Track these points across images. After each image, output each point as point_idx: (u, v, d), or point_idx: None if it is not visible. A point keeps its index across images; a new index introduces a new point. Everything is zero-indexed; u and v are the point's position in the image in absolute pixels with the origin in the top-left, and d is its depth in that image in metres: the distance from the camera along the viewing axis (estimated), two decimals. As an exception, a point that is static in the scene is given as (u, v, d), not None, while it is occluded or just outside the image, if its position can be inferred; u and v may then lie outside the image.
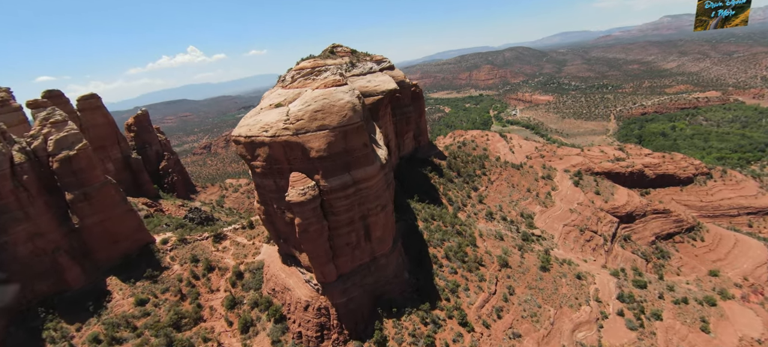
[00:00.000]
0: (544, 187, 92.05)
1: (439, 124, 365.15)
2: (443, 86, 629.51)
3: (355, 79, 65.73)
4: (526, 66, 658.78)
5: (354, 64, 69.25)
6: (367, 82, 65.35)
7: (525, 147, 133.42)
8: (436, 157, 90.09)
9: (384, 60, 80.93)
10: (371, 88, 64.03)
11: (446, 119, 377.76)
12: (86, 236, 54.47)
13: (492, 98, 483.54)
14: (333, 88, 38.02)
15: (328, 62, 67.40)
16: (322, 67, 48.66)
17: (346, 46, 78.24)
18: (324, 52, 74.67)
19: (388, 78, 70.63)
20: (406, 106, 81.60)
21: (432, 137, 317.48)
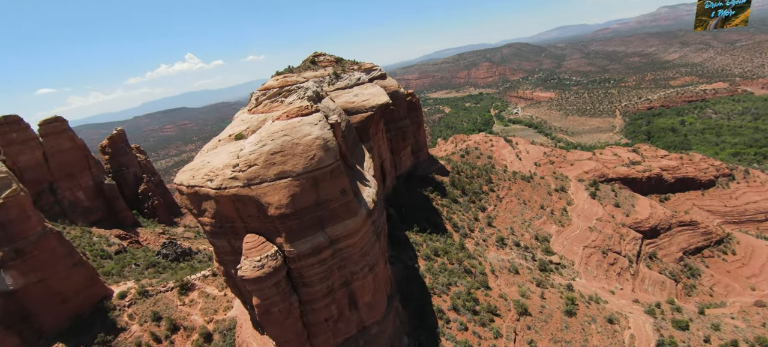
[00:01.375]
0: (559, 202, 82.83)
1: (440, 125, 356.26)
2: (442, 86, 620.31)
3: (339, 93, 56.75)
4: (524, 62, 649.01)
5: (338, 76, 60.27)
6: (353, 97, 56.35)
7: (532, 153, 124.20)
8: (438, 172, 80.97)
9: (374, 68, 71.97)
10: (358, 103, 55.03)
11: (446, 120, 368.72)
12: (23, 300, 45.52)
13: (492, 96, 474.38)
14: (297, 119, 28.88)
15: (308, 74, 58.49)
16: (293, 86, 39.60)
17: (330, 54, 69.32)
18: (304, 62, 65.82)
19: (379, 90, 61.62)
20: (401, 119, 72.57)
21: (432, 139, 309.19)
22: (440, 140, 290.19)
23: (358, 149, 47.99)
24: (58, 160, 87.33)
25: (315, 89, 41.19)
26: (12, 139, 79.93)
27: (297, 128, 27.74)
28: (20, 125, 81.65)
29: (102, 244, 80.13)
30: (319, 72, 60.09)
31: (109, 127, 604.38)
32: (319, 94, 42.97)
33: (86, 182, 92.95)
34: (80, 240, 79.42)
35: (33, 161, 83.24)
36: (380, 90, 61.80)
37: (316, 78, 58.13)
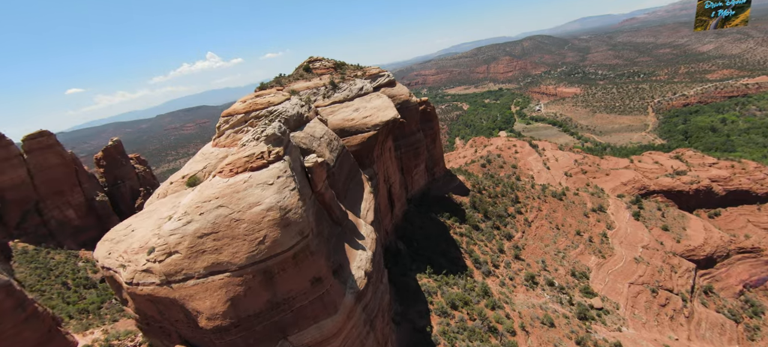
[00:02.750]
0: (597, 225, 71.49)
1: (458, 123, 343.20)
2: (460, 81, 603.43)
3: (336, 109, 47.43)
4: (546, 55, 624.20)
5: (336, 86, 50.94)
6: (353, 113, 46.95)
7: (562, 160, 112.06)
8: (457, 191, 70.87)
9: (381, 73, 62.40)
10: (359, 121, 45.62)
11: (465, 118, 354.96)
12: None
13: (512, 92, 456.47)
14: (244, 176, 19.44)
15: (299, 86, 49.49)
16: (263, 110, 30.44)
17: (328, 59, 60.09)
18: (297, 70, 56.94)
19: (386, 101, 52.02)
20: (413, 133, 62.78)
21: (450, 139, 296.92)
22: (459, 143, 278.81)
23: (355, 183, 38.65)
24: (44, 177, 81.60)
25: (293, 113, 31.99)
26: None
27: (240, 194, 18.50)
28: (2, 142, 76.00)
29: (87, 270, 73.72)
30: (312, 82, 50.93)
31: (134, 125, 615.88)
32: (300, 117, 33.74)
33: (77, 199, 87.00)
34: (64, 267, 73.20)
35: (16, 179, 77.63)
36: (387, 102, 52.17)
37: (307, 90, 49.00)
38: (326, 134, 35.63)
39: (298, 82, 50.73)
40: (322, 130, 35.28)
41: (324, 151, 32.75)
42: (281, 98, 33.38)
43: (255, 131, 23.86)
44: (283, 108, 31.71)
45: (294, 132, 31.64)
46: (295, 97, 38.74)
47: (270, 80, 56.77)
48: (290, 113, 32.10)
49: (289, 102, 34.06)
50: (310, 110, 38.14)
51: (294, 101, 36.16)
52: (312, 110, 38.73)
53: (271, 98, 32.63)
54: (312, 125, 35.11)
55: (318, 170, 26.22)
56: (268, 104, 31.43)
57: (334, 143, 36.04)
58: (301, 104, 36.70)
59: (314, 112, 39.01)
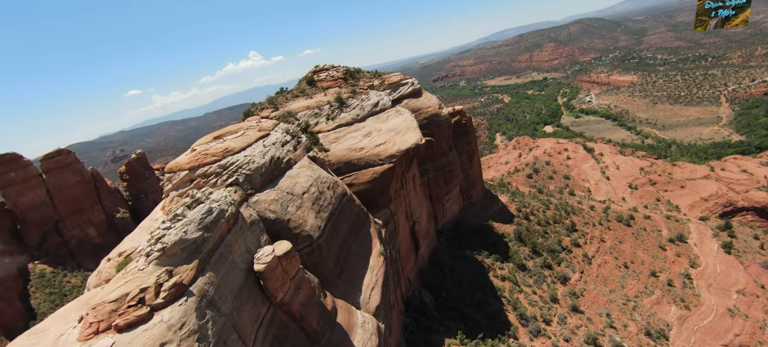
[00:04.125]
0: (677, 261, 57.47)
1: (498, 117, 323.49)
2: (501, 71, 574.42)
3: (341, 134, 38.16)
4: (596, 40, 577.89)
5: (343, 103, 41.59)
6: (362, 139, 37.49)
7: (624, 168, 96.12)
8: (498, 217, 59.56)
9: (403, 82, 52.40)
10: (369, 152, 36.11)
11: (506, 111, 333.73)
12: None
13: (559, 81, 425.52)
14: (103, 343, 10.77)
15: (297, 106, 40.61)
16: (215, 166, 21.83)
17: (338, 67, 51.11)
18: (300, 83, 48.35)
19: (407, 120, 42.10)
20: (444, 153, 52.24)
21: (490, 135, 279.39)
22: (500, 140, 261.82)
23: (359, 242, 29.28)
24: (63, 196, 79.67)
25: (261, 162, 23.09)
26: (10, 179, 72.94)
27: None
28: (19, 163, 74.38)
29: (100, 296, 70.30)
30: (315, 99, 41.87)
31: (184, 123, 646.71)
32: (275, 165, 24.75)
33: (97, 217, 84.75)
34: (79, 292, 70.31)
35: (36, 200, 76.01)
36: (408, 121, 42.21)
37: (307, 111, 40.03)
38: (315, 183, 26.43)
39: (297, 100, 41.92)
40: (307, 179, 26.11)
41: (306, 216, 23.60)
42: (245, 141, 24.59)
43: (153, 238, 14.94)
44: (246, 158, 22.88)
45: (261, 192, 22.72)
46: (279, 130, 29.89)
47: (280, 91, 48.65)
48: (257, 164, 23.20)
49: (260, 144, 25.23)
50: (298, 148, 29.07)
51: (272, 139, 27.28)
52: (301, 145, 29.64)
53: (232, 142, 23.91)
54: (294, 173, 26.02)
55: (278, 272, 17.06)
56: (223, 154, 22.72)
57: (327, 196, 26.77)
58: (282, 141, 27.74)
59: (304, 148, 29.91)
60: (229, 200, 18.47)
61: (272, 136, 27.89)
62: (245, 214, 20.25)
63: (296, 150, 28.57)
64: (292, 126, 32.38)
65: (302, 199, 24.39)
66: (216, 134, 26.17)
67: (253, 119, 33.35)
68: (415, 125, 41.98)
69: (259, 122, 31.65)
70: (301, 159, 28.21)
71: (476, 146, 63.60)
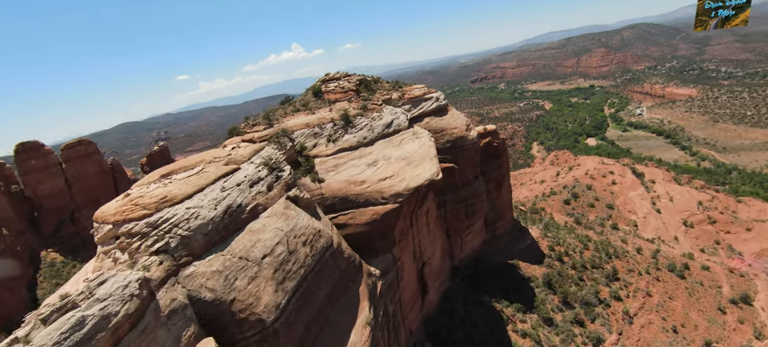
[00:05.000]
0: (739, 330, 47.74)
1: (537, 125, 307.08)
2: (544, 76, 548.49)
3: (342, 160, 32.51)
4: (652, 47, 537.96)
5: (349, 122, 35.87)
6: (365, 169, 31.72)
7: (679, 201, 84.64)
8: (526, 255, 52.07)
9: (426, 97, 45.99)
10: (370, 187, 30.30)
11: (546, 119, 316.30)
12: None
13: (607, 90, 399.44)
14: None
15: (296, 122, 35.28)
16: (142, 223, 16.85)
17: (353, 75, 45.64)
18: (305, 93, 43.16)
19: (423, 146, 35.92)
20: (468, 183, 45.36)
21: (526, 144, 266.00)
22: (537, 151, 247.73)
23: (340, 309, 23.61)
24: (81, 186, 79.71)
25: (209, 216, 17.94)
26: (31, 166, 73.39)
27: None
28: (40, 151, 74.83)
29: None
30: (317, 115, 36.39)
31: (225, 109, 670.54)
32: (234, 216, 19.50)
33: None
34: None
35: (54, 188, 76.32)
36: (425, 147, 35.96)
37: (305, 130, 34.58)
38: (285, 240, 20.95)
39: (297, 115, 36.62)
40: (275, 235, 20.66)
41: (261, 291, 18.15)
42: (196, 184, 19.50)
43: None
44: (188, 211, 17.78)
45: (202, 260, 17.48)
46: (255, 161, 24.69)
47: (285, 101, 43.90)
48: (202, 220, 18.01)
49: (216, 188, 20.05)
50: (275, 187, 23.69)
51: (239, 176, 22.03)
52: (279, 183, 24.22)
53: (176, 187, 18.90)
54: (259, 225, 20.64)
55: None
56: (157, 205, 17.67)
57: (300, 257, 21.23)
58: (252, 179, 22.46)
59: (283, 186, 24.48)
60: (130, 291, 13.32)
61: (241, 172, 22.65)
62: (165, 300, 15.11)
63: (271, 191, 23.21)
64: (276, 154, 27.06)
65: (260, 266, 18.96)
66: (164, 170, 21.27)
67: (233, 141, 28.45)
68: (433, 153, 35.62)
69: (235, 148, 26.59)
70: (275, 203, 22.81)
71: (508, 171, 56.02)
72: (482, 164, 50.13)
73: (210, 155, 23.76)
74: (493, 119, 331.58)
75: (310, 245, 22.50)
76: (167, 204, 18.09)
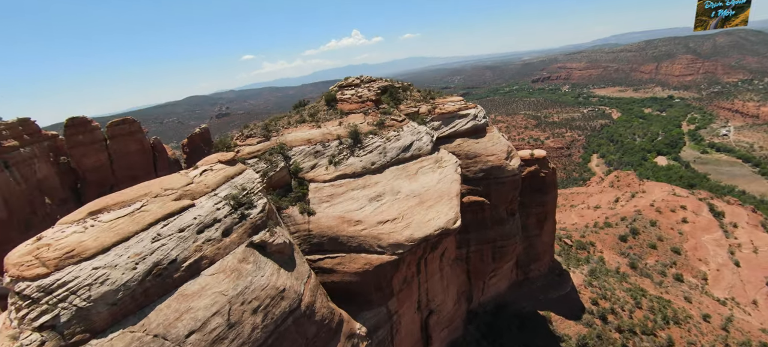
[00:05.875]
0: None
1: (600, 136, 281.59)
2: (615, 80, 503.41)
3: (341, 189, 27.87)
4: (749, 57, 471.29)
5: (358, 141, 30.98)
6: (365, 205, 26.91)
7: (765, 253, 70.59)
8: (561, 306, 44.52)
9: (463, 113, 39.62)
10: (366, 229, 25.53)
11: (612, 130, 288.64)
12: None
13: (688, 102, 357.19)
14: None
15: (297, 136, 30.98)
16: (28, 291, 13.26)
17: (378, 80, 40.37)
18: (319, 101, 38.51)
19: (447, 181, 30.38)
20: (501, 221, 38.53)
21: (585, 156, 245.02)
22: (596, 165, 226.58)
23: None
24: (123, 163, 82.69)
25: (111, 288, 13.91)
26: (78, 140, 77.00)
27: None
28: (86, 127, 78.28)
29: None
30: (324, 129, 31.75)
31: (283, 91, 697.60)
32: (158, 280, 15.48)
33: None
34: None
35: (97, 162, 79.75)
36: (447, 183, 30.33)
37: (307, 147, 30.18)
38: (228, 308, 16.75)
39: (300, 128, 32.16)
40: (213, 302, 16.51)
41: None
42: (122, 232, 15.78)
43: None
44: (95, 272, 14.16)
45: (101, 339, 13.68)
46: (220, 193, 20.69)
47: (299, 105, 39.99)
48: (112, 284, 14.27)
49: (146, 237, 16.17)
50: (234, 231, 19.54)
51: (188, 217, 18.05)
52: (242, 226, 20.04)
53: (89, 237, 15.30)
54: (195, 288, 16.54)
55: None
56: (58, 262, 14.07)
57: (245, 330, 16.94)
58: (204, 223, 18.45)
59: (248, 229, 20.26)
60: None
61: (192, 211, 18.69)
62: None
63: (227, 236, 19.09)
64: (252, 183, 22.93)
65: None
66: (95, 206, 17.70)
67: (209, 160, 24.68)
68: (455, 191, 29.73)
69: (205, 171, 22.75)
70: (228, 254, 18.66)
71: (554, 207, 47.82)
72: (524, 196, 42.96)
73: (160, 186, 20.02)
74: (551, 124, 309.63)
75: (263, 313, 18.13)
76: (72, 261, 14.45)
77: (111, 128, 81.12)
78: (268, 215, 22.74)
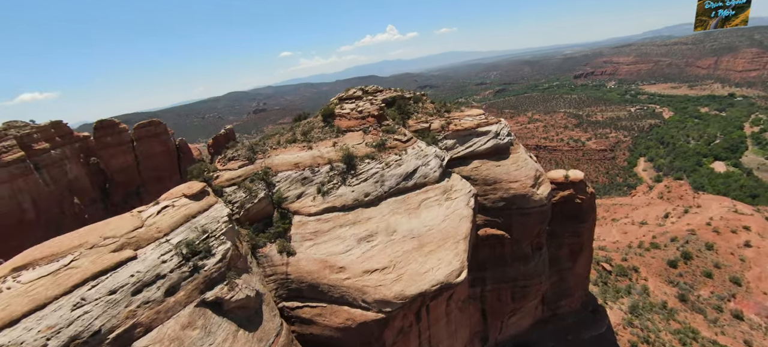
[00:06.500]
0: None
1: (648, 137, 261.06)
2: (668, 76, 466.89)
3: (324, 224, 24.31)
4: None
5: (353, 167, 27.27)
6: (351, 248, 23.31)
7: None
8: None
9: (483, 129, 34.70)
10: (350, 278, 21.89)
11: (662, 131, 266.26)
12: None
13: (752, 101, 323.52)
14: None
15: (286, 159, 27.68)
16: None
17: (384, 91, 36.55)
18: (316, 115, 34.93)
19: (455, 218, 26.37)
20: (521, 258, 33.48)
21: (631, 158, 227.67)
22: (643, 174, 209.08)
23: None
24: (148, 164, 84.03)
25: None
26: (106, 142, 78.97)
27: None
28: (115, 129, 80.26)
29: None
30: (313, 152, 28.16)
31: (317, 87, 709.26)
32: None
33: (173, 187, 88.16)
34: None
35: (124, 164, 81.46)
36: (455, 217, 26.32)
37: (294, 172, 26.79)
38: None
39: (290, 149, 28.69)
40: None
41: None
42: (33, 301, 12.96)
43: None
44: None
45: None
46: (175, 237, 17.70)
47: (297, 120, 36.84)
48: None
49: (57, 306, 13.27)
50: (181, 289, 16.45)
51: (124, 275, 15.05)
52: (193, 281, 16.94)
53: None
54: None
55: None
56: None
57: None
58: (142, 280, 15.49)
59: (200, 285, 17.12)
60: None
61: (132, 266, 15.78)
62: None
63: (171, 296, 16.04)
64: (215, 225, 19.82)
65: None
66: (20, 261, 14.83)
67: (173, 193, 21.88)
68: (464, 232, 25.32)
69: (165, 208, 19.91)
70: (171, 318, 15.60)
71: (591, 237, 41.70)
72: (555, 224, 37.49)
73: (101, 234, 17.14)
74: (594, 124, 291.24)
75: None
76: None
77: (137, 130, 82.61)
78: (230, 264, 19.56)
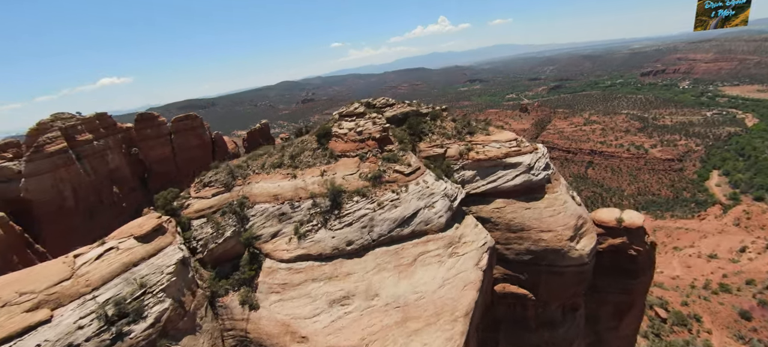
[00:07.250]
0: None
1: (725, 147, 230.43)
2: (755, 77, 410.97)
3: (294, 276, 20.46)
4: None
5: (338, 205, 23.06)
6: (321, 313, 19.00)
7: None
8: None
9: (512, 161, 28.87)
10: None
11: (742, 142, 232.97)
12: None
13: None
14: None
15: (266, 189, 24.13)
16: None
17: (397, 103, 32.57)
18: (311, 135, 30.92)
19: (460, 280, 21.40)
20: (546, 324, 27.24)
21: (703, 171, 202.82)
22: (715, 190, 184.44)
23: None
24: (184, 156, 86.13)
25: None
26: (146, 134, 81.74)
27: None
28: (154, 122, 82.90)
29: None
30: (297, 182, 24.25)
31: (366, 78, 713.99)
32: None
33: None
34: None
35: (162, 155, 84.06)
36: (458, 283, 21.43)
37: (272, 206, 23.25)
38: None
39: (273, 175, 24.87)
40: None
41: None
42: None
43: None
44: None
45: None
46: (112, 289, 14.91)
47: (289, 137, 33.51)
48: None
49: None
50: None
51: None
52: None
53: None
54: None
55: None
56: None
57: None
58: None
59: None
60: None
61: (45, 330, 13.06)
62: None
63: None
64: (156, 279, 16.71)
65: None
66: None
67: (125, 230, 19.05)
68: (466, 306, 19.89)
69: (98, 257, 17.09)
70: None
71: (644, 293, 34.15)
72: (599, 277, 30.68)
73: (18, 288, 14.37)
74: (660, 129, 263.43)
75: None
76: None
77: (175, 123, 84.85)
78: (166, 328, 16.43)
